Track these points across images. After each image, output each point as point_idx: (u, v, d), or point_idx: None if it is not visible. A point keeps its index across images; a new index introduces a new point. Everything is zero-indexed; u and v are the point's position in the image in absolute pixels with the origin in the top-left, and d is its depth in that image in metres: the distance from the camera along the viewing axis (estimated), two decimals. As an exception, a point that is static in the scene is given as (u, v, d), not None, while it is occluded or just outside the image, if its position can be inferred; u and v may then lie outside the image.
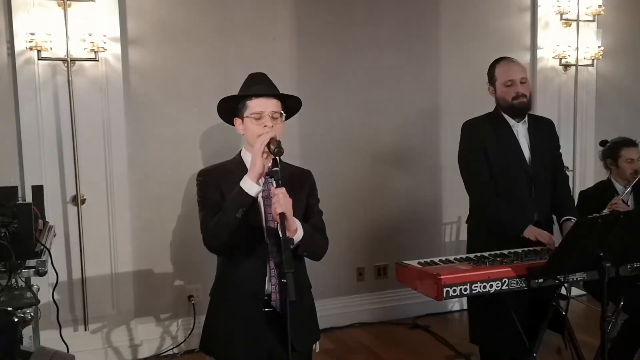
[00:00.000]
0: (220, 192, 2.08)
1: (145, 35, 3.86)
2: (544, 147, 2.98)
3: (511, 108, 2.90)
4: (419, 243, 4.54)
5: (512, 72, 2.90)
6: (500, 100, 2.94)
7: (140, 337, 3.91)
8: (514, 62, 2.96)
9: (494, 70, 2.97)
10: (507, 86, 2.88)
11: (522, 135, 2.95)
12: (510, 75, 2.89)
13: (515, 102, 2.88)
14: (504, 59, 2.99)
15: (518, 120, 2.95)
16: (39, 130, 3.57)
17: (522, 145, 2.94)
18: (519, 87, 2.87)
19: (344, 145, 4.38)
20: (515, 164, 2.90)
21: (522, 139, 2.95)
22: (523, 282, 2.30)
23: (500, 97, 2.93)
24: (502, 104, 2.93)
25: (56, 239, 3.34)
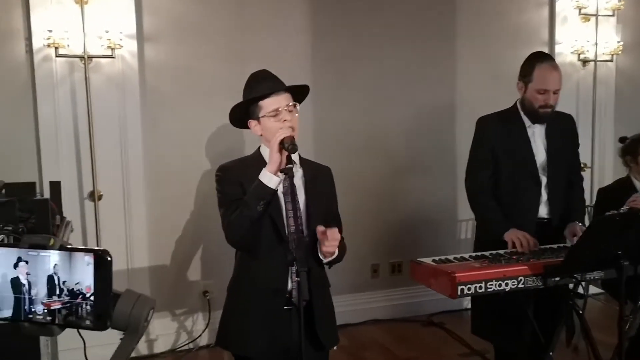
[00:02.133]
0: (240, 187, 2.08)
1: (161, 32, 3.88)
2: (562, 147, 2.90)
3: (534, 113, 2.81)
4: (434, 240, 4.52)
5: (551, 82, 2.74)
6: (526, 101, 2.83)
7: (156, 332, 3.95)
8: (555, 71, 2.76)
9: (532, 70, 2.77)
10: (540, 94, 2.74)
11: (539, 136, 2.87)
12: (548, 84, 2.73)
13: (541, 110, 2.78)
14: (546, 61, 2.78)
15: (535, 123, 2.88)
16: (57, 127, 3.61)
17: (538, 147, 2.86)
18: (550, 98, 2.75)
19: (358, 141, 4.37)
20: (523, 165, 2.83)
21: (538, 140, 2.87)
22: (539, 280, 2.28)
23: (528, 98, 2.80)
24: (527, 105, 2.82)
25: (73, 234, 3.39)
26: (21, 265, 1.05)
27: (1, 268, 1.05)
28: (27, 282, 1.05)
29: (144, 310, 1.09)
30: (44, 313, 1.04)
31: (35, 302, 1.05)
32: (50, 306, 1.04)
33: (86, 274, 1.02)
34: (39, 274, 1.04)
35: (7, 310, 1.06)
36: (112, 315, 1.05)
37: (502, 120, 2.91)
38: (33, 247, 1.05)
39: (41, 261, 1.04)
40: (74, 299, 1.03)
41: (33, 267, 1.04)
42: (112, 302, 1.05)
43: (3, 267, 1.05)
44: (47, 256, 1.04)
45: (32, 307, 1.05)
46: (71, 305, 1.03)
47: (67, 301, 1.03)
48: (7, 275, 1.05)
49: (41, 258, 1.04)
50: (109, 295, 1.03)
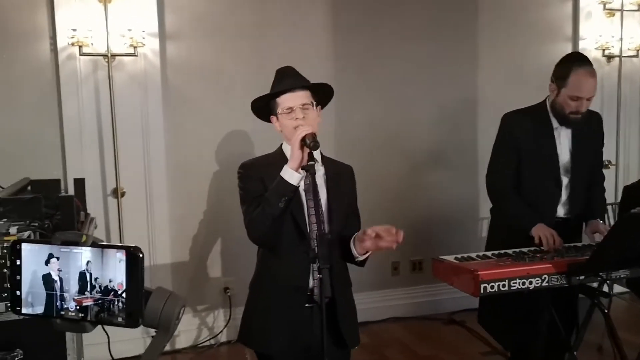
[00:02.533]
0: (262, 184, 2.09)
1: (183, 30, 3.90)
2: (587, 148, 2.86)
3: (564, 118, 2.74)
4: (455, 238, 4.48)
5: (586, 90, 2.65)
6: (557, 105, 2.75)
7: (178, 328, 3.96)
8: (592, 78, 2.66)
9: (567, 75, 2.67)
10: (573, 100, 2.67)
11: (565, 137, 2.82)
12: (583, 92, 2.65)
13: (571, 116, 2.71)
14: (583, 66, 2.67)
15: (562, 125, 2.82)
16: (81, 125, 3.66)
17: (563, 148, 2.82)
18: (583, 105, 2.68)
19: (380, 139, 4.36)
20: (547, 165, 2.79)
21: (564, 141, 2.82)
22: (563, 278, 2.26)
23: (559, 102, 2.72)
24: (557, 108, 2.75)
25: (97, 231, 3.42)
26: (52, 262, 1.05)
27: (33, 264, 1.06)
28: (58, 278, 1.05)
29: (175, 308, 1.08)
30: (75, 310, 1.05)
31: (67, 298, 1.05)
32: (82, 303, 1.04)
33: (118, 271, 1.02)
34: (70, 270, 1.05)
35: (39, 306, 1.07)
36: (143, 313, 1.05)
37: (529, 118, 2.85)
38: (65, 244, 1.05)
39: (73, 258, 1.05)
40: (106, 295, 1.03)
41: (65, 264, 1.05)
42: (143, 300, 1.05)
43: (34, 264, 1.06)
44: (79, 253, 1.04)
45: (64, 304, 1.06)
46: (103, 302, 1.03)
47: (99, 298, 1.03)
48: (38, 271, 1.06)
49: (73, 255, 1.05)
50: (140, 292, 1.03)
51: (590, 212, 2.87)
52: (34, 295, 1.07)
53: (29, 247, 1.07)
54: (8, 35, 3.57)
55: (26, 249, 1.07)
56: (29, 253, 1.07)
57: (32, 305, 1.07)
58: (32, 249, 1.07)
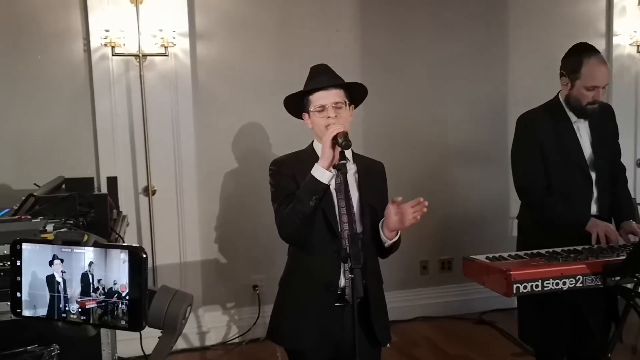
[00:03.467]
0: (294, 181, 2.09)
1: (212, 30, 3.94)
2: (606, 141, 2.79)
3: (581, 110, 2.69)
4: (485, 237, 4.43)
5: (602, 78, 2.61)
6: (572, 98, 2.69)
7: (207, 325, 4.02)
8: (604, 65, 2.63)
9: (580, 65, 2.62)
10: (589, 90, 2.62)
11: (584, 130, 2.76)
12: (597, 81, 2.60)
13: (589, 107, 2.66)
14: (594, 56, 2.63)
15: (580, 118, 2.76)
16: (113, 124, 3.72)
17: (583, 142, 2.75)
18: (599, 94, 2.63)
19: (407, 136, 4.33)
20: (574, 162, 2.72)
21: (584, 135, 2.76)
22: (598, 279, 2.21)
23: (574, 95, 2.67)
24: (573, 102, 2.70)
25: (129, 228, 3.49)
26: (56, 263, 1.02)
27: (36, 265, 1.03)
28: (62, 280, 1.02)
29: (181, 307, 1.03)
30: (78, 312, 1.01)
31: (70, 300, 1.02)
32: (85, 305, 1.01)
33: (123, 272, 0.99)
34: (73, 271, 1.01)
35: (42, 308, 1.03)
36: (147, 315, 1.01)
37: (546, 116, 2.77)
38: (66, 244, 1.02)
39: (76, 259, 1.01)
40: (110, 297, 0.99)
41: (68, 265, 1.01)
42: (147, 301, 1.01)
43: (38, 265, 1.03)
44: (82, 253, 1.01)
45: (67, 306, 1.02)
46: (107, 304, 1.00)
47: (102, 300, 1.00)
48: (42, 272, 1.03)
49: (76, 255, 1.01)
50: (144, 294, 0.99)
51: (619, 211, 2.79)
52: (36, 297, 1.03)
53: (30, 248, 1.04)
54: (43, 37, 3.65)
55: (27, 250, 1.04)
56: (30, 254, 1.04)
57: (35, 307, 1.04)
58: (33, 249, 1.04)
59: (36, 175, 3.20)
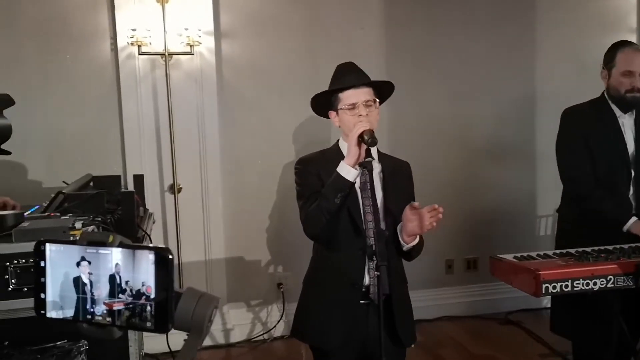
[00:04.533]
0: (319, 179, 2.10)
1: (237, 29, 3.95)
2: None
3: (622, 100, 2.72)
4: (512, 236, 4.38)
5: (636, 63, 2.67)
6: (611, 89, 2.75)
7: (232, 322, 4.05)
8: (639, 52, 2.72)
9: (614, 55, 2.74)
10: (625, 76, 2.67)
11: (628, 127, 2.76)
12: (632, 65, 2.67)
13: (629, 95, 2.68)
14: (628, 45, 2.76)
15: (625, 112, 2.76)
16: (140, 122, 3.76)
17: (627, 138, 2.76)
18: (637, 80, 2.67)
19: (434, 134, 4.30)
20: (618, 157, 2.73)
21: (628, 131, 2.76)
22: (630, 280, 2.17)
23: (613, 85, 2.73)
24: (613, 93, 2.74)
25: (155, 226, 3.51)
26: (83, 265, 1.01)
27: (64, 267, 1.02)
28: (89, 281, 1.01)
29: (208, 309, 1.02)
30: (103, 314, 1.01)
31: (97, 302, 1.01)
32: (112, 307, 1.00)
33: (151, 274, 0.98)
34: (100, 273, 1.00)
35: (70, 309, 1.02)
36: (174, 317, 1.00)
37: (591, 111, 2.81)
38: (92, 244, 1.01)
39: (103, 260, 1.00)
40: (138, 299, 0.98)
41: (95, 266, 1.01)
42: (173, 303, 1.00)
43: (66, 266, 1.02)
44: (108, 254, 1.00)
45: (93, 308, 1.01)
46: (134, 306, 0.98)
47: (129, 302, 0.99)
48: (69, 274, 1.02)
49: (103, 256, 1.00)
50: (170, 295, 0.98)
51: None
52: (64, 298, 1.02)
53: (55, 248, 1.03)
54: (71, 37, 3.70)
55: (52, 250, 1.03)
56: (55, 254, 1.03)
57: (62, 308, 1.03)
58: (58, 249, 1.03)
59: (65, 173, 3.24)
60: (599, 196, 2.69)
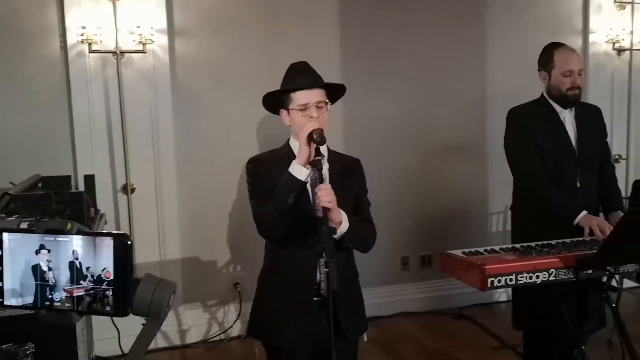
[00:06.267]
0: (271, 179, 2.11)
1: (192, 27, 3.92)
2: (591, 135, 2.89)
3: (563, 98, 2.83)
4: (465, 233, 4.48)
5: (573, 62, 2.80)
6: (552, 89, 2.85)
7: (188, 323, 4.01)
8: (574, 52, 2.85)
9: (551, 57, 2.85)
10: (566, 76, 2.78)
11: (570, 123, 2.87)
12: (571, 65, 2.79)
13: (570, 92, 2.80)
14: (563, 46, 2.86)
15: (566, 108, 2.87)
16: (90, 121, 3.69)
17: (570, 132, 2.87)
18: (576, 78, 2.79)
19: (390, 134, 4.35)
20: (564, 151, 2.83)
21: (570, 127, 2.87)
22: (571, 273, 2.24)
23: (554, 85, 2.83)
24: (555, 92, 2.84)
25: (107, 226, 3.46)
26: (42, 253, 1.04)
27: (23, 255, 1.04)
28: (48, 268, 1.04)
29: (166, 294, 1.06)
30: (62, 300, 1.03)
31: (56, 289, 1.04)
32: (72, 293, 1.03)
33: (110, 260, 1.01)
34: (60, 260, 1.03)
35: (29, 297, 1.05)
36: (132, 301, 1.03)
37: (536, 109, 2.90)
38: (49, 232, 1.03)
39: (63, 247, 1.03)
40: (99, 285, 1.01)
41: (55, 254, 1.03)
42: (132, 287, 1.03)
43: (25, 254, 1.04)
44: (68, 242, 1.03)
45: (52, 294, 1.04)
46: (95, 292, 1.02)
47: (90, 288, 1.02)
48: (29, 262, 1.04)
49: (63, 244, 1.03)
50: (129, 280, 1.01)
51: (609, 203, 2.90)
52: (22, 286, 1.05)
53: (12, 237, 1.05)
54: (19, 34, 3.60)
55: (10, 240, 1.05)
56: (13, 243, 1.05)
57: (21, 295, 1.05)
58: (15, 239, 1.05)
59: (13, 174, 3.15)
60: (551, 191, 2.78)
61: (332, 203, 1.92)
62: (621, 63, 4.77)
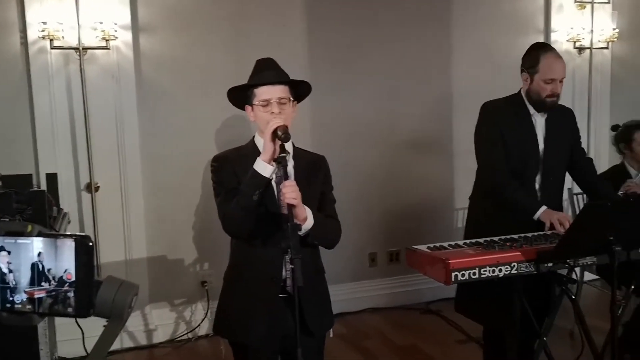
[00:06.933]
0: (235, 177, 2.11)
1: (157, 23, 3.87)
2: (560, 139, 2.92)
3: (541, 103, 2.83)
4: (432, 228, 4.53)
5: (558, 71, 2.77)
6: (532, 92, 2.83)
7: (155, 322, 3.97)
8: (560, 60, 2.80)
9: (537, 61, 2.79)
10: (547, 83, 2.76)
11: (540, 126, 2.89)
12: (555, 74, 2.76)
13: (548, 99, 2.80)
14: (550, 51, 2.82)
15: (539, 111, 2.89)
16: (53, 119, 3.62)
17: (539, 135, 2.89)
18: (557, 86, 2.78)
19: (357, 131, 4.37)
20: (529, 152, 2.86)
21: (539, 131, 2.89)
22: (532, 266, 2.29)
23: (534, 89, 2.82)
24: (533, 96, 2.83)
25: (71, 226, 3.40)
26: (2, 254, 1.03)
27: None
28: (8, 270, 1.03)
29: (128, 296, 1.07)
30: (23, 302, 1.03)
31: (17, 291, 1.03)
32: (33, 295, 1.02)
33: (72, 261, 1.01)
34: (21, 262, 1.03)
35: None
36: (94, 302, 1.03)
37: (510, 107, 2.91)
38: (10, 235, 1.03)
39: (24, 249, 1.03)
40: (61, 286, 1.02)
41: (15, 256, 1.03)
42: (94, 289, 1.04)
43: None
44: (29, 244, 1.02)
45: (13, 296, 1.03)
46: (57, 293, 1.02)
47: (52, 289, 1.02)
48: None
49: (24, 246, 1.03)
50: (91, 281, 1.02)
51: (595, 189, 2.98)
52: None
53: None
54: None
55: None
56: None
57: None
58: None
59: (-28, 173, 3.08)
60: (513, 187, 2.82)
61: (297, 200, 1.93)
62: (582, 61, 4.88)
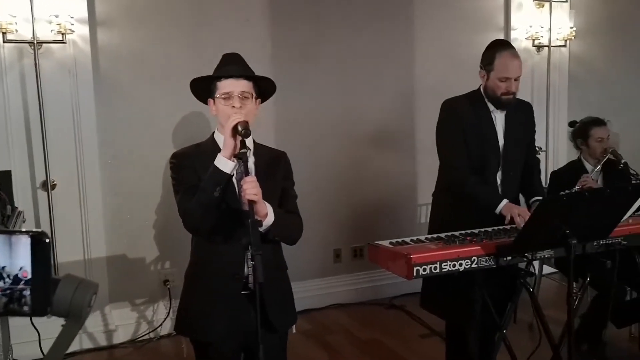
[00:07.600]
0: (195, 173, 2.08)
1: (115, 16, 3.79)
2: (518, 135, 2.97)
3: (497, 100, 2.88)
4: (395, 224, 4.56)
5: (513, 70, 2.80)
6: (488, 89, 2.88)
7: (115, 323, 3.89)
8: (516, 58, 2.83)
9: (492, 59, 2.83)
10: (502, 81, 2.81)
11: (499, 121, 2.94)
12: (509, 72, 2.80)
13: (504, 97, 2.84)
14: (506, 50, 2.84)
15: (498, 108, 2.93)
16: (6, 115, 3.51)
17: (499, 132, 2.93)
18: (512, 85, 2.82)
19: (320, 127, 4.37)
20: (489, 148, 2.90)
21: (499, 126, 2.94)
22: (492, 260, 2.33)
23: (490, 86, 2.86)
24: (490, 93, 2.88)
25: (26, 225, 3.30)
26: None
27: None
28: None
29: (86, 295, 1.04)
30: None
31: None
32: None
33: (28, 258, 0.99)
34: None
35: None
36: (51, 301, 1.01)
37: (469, 103, 2.95)
38: None
39: None
40: (16, 284, 0.99)
41: None
42: (51, 287, 1.01)
43: None
44: None
45: None
46: (12, 292, 0.99)
47: (7, 287, 0.99)
48: None
49: None
50: (47, 279, 0.99)
51: (529, 191, 3.01)
52: None
53: None
54: None
55: None
56: None
57: None
58: None
59: None
60: (474, 182, 2.86)
61: (257, 196, 1.91)
62: (540, 59, 4.98)
